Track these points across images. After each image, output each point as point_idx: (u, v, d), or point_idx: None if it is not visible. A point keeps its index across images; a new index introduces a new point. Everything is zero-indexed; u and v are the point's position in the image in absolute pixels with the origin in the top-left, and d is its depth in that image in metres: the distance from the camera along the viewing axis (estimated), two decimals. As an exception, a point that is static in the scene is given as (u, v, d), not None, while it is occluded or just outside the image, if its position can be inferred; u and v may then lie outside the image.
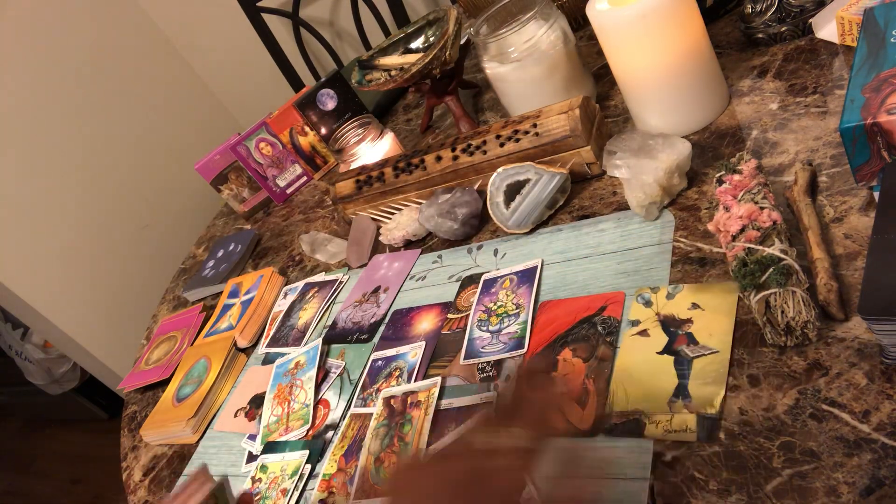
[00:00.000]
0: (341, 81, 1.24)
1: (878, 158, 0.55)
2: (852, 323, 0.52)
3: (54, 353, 2.53)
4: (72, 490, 2.62)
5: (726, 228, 0.60)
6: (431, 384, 0.70)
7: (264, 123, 1.28)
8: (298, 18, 1.88)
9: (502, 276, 0.77)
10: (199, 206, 2.04)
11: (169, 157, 2.10)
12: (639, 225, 0.72)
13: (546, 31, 0.89)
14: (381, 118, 1.35)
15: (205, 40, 2.19)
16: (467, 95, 1.21)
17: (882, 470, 0.43)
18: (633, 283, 0.66)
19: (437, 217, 0.86)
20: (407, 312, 0.82)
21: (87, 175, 1.93)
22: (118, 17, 2.07)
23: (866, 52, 0.59)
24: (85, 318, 1.89)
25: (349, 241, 0.99)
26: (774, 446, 0.48)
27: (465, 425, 0.52)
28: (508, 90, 0.96)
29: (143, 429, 0.93)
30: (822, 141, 0.68)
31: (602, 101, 0.96)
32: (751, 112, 0.77)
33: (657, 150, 0.72)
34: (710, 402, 0.53)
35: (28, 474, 2.89)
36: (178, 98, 2.20)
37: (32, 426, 3.13)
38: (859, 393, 0.48)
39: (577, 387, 0.61)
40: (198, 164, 1.30)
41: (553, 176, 0.80)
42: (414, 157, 0.93)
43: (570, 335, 0.66)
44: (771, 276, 0.54)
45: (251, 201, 1.34)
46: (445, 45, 1.00)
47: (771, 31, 0.83)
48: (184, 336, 1.07)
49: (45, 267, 1.83)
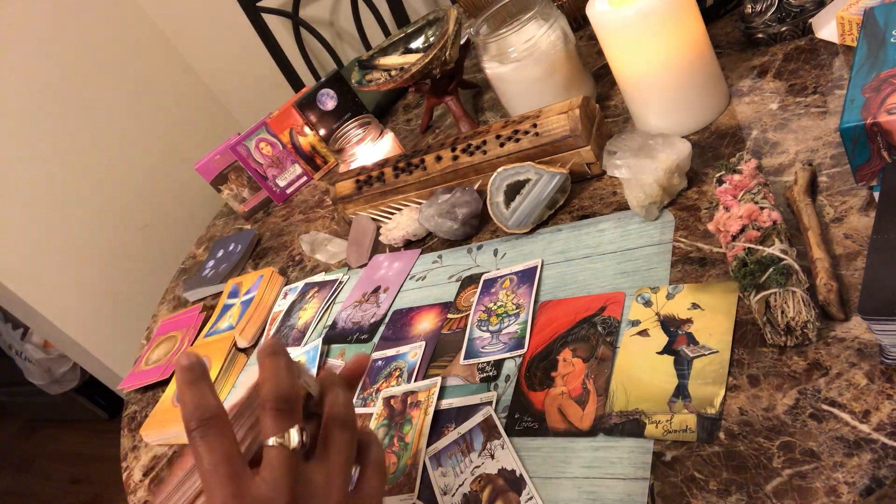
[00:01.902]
0: (341, 81, 1.24)
1: (878, 158, 0.55)
2: (852, 323, 0.52)
3: (54, 353, 2.53)
4: (72, 490, 2.62)
5: (726, 228, 0.60)
6: (431, 384, 0.70)
7: (264, 123, 1.28)
8: (298, 18, 1.88)
9: (502, 276, 0.77)
10: (199, 206, 2.05)
11: (169, 157, 2.10)
12: (639, 225, 0.72)
13: (546, 31, 0.89)
14: (381, 118, 1.35)
15: (205, 40, 2.19)
16: (467, 95, 1.21)
17: (882, 470, 0.43)
18: (633, 283, 0.66)
19: (437, 217, 0.86)
20: (407, 312, 0.82)
21: (87, 175, 1.93)
22: (118, 17, 2.07)
23: (866, 52, 0.59)
24: (85, 318, 1.89)
25: (349, 241, 0.99)
26: (774, 446, 0.48)
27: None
28: (508, 90, 0.96)
29: (143, 429, 0.93)
30: (822, 141, 0.68)
31: (602, 101, 0.96)
32: (751, 112, 0.77)
33: (657, 150, 0.72)
34: (710, 402, 0.53)
35: (28, 474, 2.89)
36: (178, 98, 2.20)
37: (32, 426, 3.13)
38: (859, 393, 0.48)
39: (577, 387, 0.61)
40: (198, 164, 1.30)
41: (553, 176, 0.80)
42: (414, 157, 0.93)
43: (570, 335, 0.66)
44: (771, 276, 0.54)
45: (251, 201, 1.34)
46: (445, 45, 1.00)
47: (771, 31, 0.83)
48: (184, 336, 1.07)
49: (45, 267, 1.83)
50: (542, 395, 0.62)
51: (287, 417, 0.39)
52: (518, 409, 0.62)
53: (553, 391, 0.62)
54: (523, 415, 0.61)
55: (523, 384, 0.64)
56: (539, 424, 0.60)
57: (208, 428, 0.37)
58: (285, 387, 0.39)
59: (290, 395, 0.39)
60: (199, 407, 0.37)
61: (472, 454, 0.61)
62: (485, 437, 0.61)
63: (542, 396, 0.62)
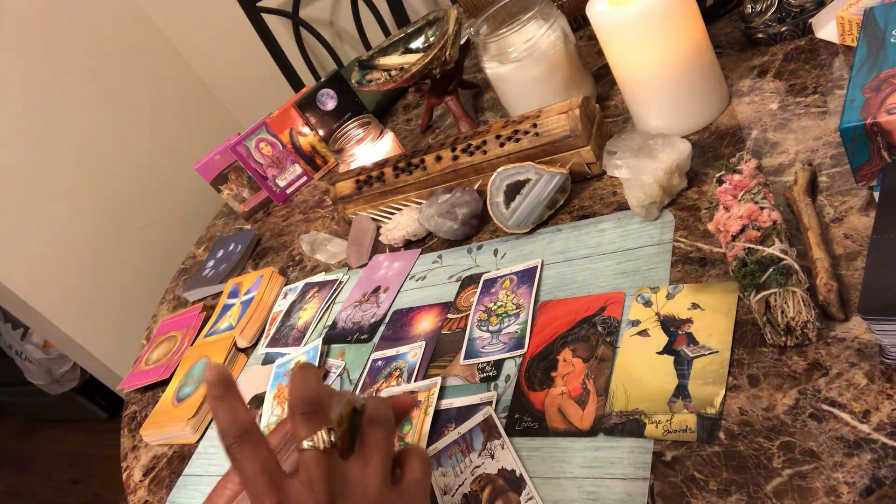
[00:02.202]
0: (341, 81, 1.24)
1: (878, 158, 0.55)
2: (852, 323, 0.52)
3: (54, 353, 2.53)
4: (72, 490, 2.62)
5: (726, 228, 0.60)
6: (431, 384, 0.70)
7: (264, 123, 1.28)
8: (298, 18, 1.88)
9: (502, 276, 0.77)
10: (199, 206, 2.04)
11: (169, 157, 2.10)
12: (639, 225, 0.72)
13: (546, 31, 0.89)
14: (381, 118, 1.35)
15: (205, 40, 2.19)
16: (467, 95, 1.21)
17: (882, 470, 0.43)
18: (633, 283, 0.66)
19: (437, 217, 0.86)
20: (407, 312, 0.82)
21: (87, 175, 1.93)
22: (118, 17, 2.07)
23: (866, 52, 0.59)
24: (85, 318, 1.89)
25: (349, 241, 0.99)
26: (774, 446, 0.48)
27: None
28: (508, 90, 0.96)
29: (143, 429, 0.93)
30: (822, 141, 0.68)
31: (602, 101, 0.96)
32: (751, 112, 0.77)
33: (657, 150, 0.72)
34: (710, 402, 0.53)
35: (28, 474, 2.89)
36: (178, 98, 2.20)
37: (32, 426, 3.13)
38: (859, 393, 0.48)
39: (577, 387, 0.61)
40: (198, 164, 1.30)
41: (553, 176, 0.80)
42: (414, 157, 0.93)
43: (570, 335, 0.66)
44: (771, 276, 0.54)
45: (251, 201, 1.34)
46: (445, 45, 1.00)
47: (771, 31, 0.83)
48: (184, 336, 1.07)
49: (45, 267, 1.83)
50: (542, 395, 0.62)
51: (315, 420, 0.40)
52: (518, 409, 0.62)
53: (553, 391, 0.62)
54: (523, 415, 0.61)
55: (523, 384, 0.64)
56: (539, 424, 0.60)
57: (244, 441, 0.39)
58: (311, 392, 0.41)
59: (315, 399, 0.41)
60: (232, 423, 0.40)
61: (472, 454, 0.61)
62: (485, 437, 0.61)
63: (542, 396, 0.62)
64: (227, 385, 0.41)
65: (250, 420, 0.40)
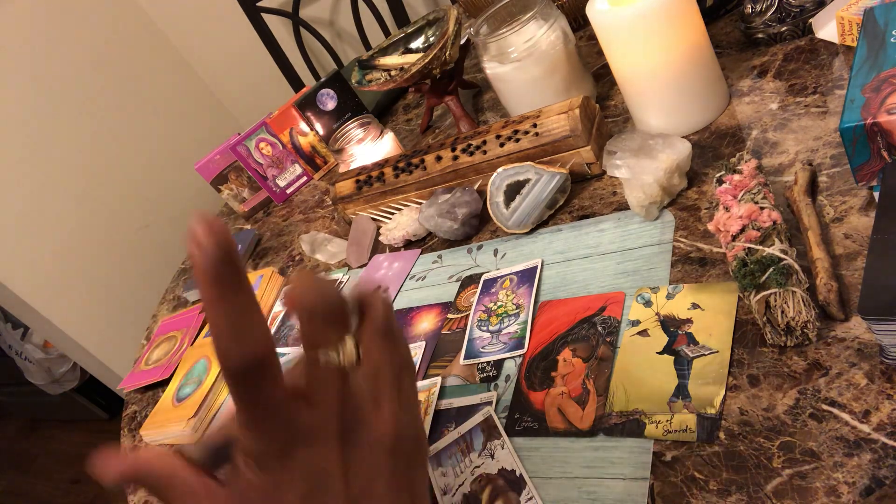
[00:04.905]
0: (341, 81, 1.24)
1: (878, 158, 0.55)
2: (852, 323, 0.52)
3: (54, 353, 2.53)
4: (72, 490, 2.62)
5: (726, 228, 0.60)
6: (431, 384, 0.70)
7: (264, 123, 1.28)
8: (298, 18, 1.88)
9: (502, 276, 0.77)
10: (199, 206, 2.04)
11: (169, 157, 2.10)
12: (639, 225, 0.72)
13: (546, 31, 0.89)
14: (381, 118, 1.35)
15: (205, 40, 2.19)
16: (467, 95, 1.21)
17: (882, 470, 0.43)
18: (633, 283, 0.66)
19: (437, 217, 0.86)
20: (407, 312, 0.82)
21: (87, 175, 1.93)
22: (118, 17, 2.07)
23: (866, 52, 0.59)
24: (85, 318, 1.89)
25: (349, 241, 0.99)
26: (774, 446, 0.48)
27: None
28: (508, 90, 0.96)
29: (143, 429, 0.93)
30: (822, 141, 0.68)
31: (602, 101, 0.96)
32: (751, 112, 0.77)
33: (657, 150, 0.72)
34: (710, 402, 0.53)
35: (28, 474, 2.89)
36: (178, 98, 2.20)
37: (32, 426, 3.13)
38: (859, 393, 0.48)
39: (577, 387, 0.61)
40: (198, 164, 1.30)
41: (553, 176, 0.80)
42: (414, 157, 0.93)
43: (570, 335, 0.66)
44: (771, 276, 0.54)
45: (251, 201, 1.34)
46: (445, 45, 1.00)
47: (771, 31, 0.83)
48: (184, 336, 1.07)
49: (45, 267, 1.83)
50: (542, 395, 0.62)
51: (341, 327, 0.31)
52: (518, 409, 0.62)
53: (553, 391, 0.62)
54: (523, 415, 0.61)
55: (523, 384, 0.64)
56: (539, 424, 0.60)
57: (249, 377, 0.29)
58: (334, 295, 0.31)
59: (340, 306, 0.31)
60: (235, 345, 0.29)
61: (472, 454, 0.61)
62: (485, 437, 0.61)
63: (542, 396, 0.62)
64: (230, 274, 0.27)
65: (263, 338, 0.28)
